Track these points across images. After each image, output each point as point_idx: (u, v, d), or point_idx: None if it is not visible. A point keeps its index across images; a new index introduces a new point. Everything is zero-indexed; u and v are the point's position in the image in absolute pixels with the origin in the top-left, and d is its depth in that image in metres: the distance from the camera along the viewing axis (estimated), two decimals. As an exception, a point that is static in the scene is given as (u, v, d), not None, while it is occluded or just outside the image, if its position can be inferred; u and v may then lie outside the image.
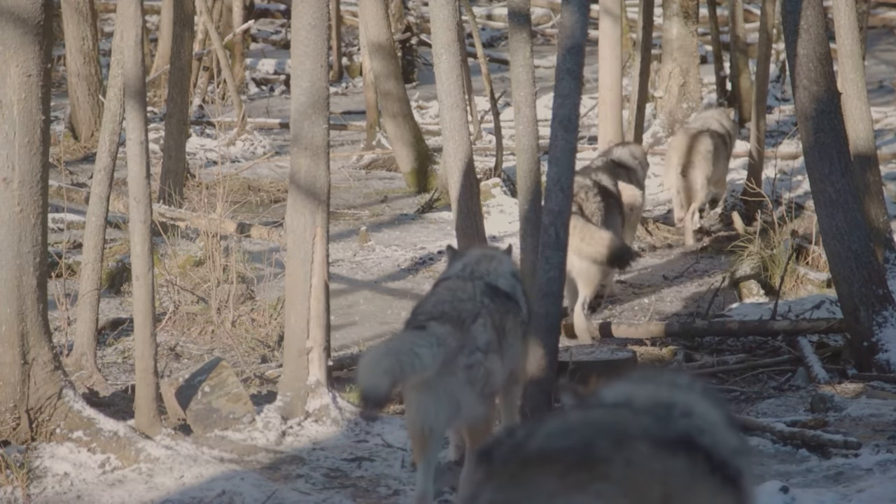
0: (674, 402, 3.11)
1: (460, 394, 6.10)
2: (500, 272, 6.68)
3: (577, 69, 7.82)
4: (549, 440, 2.91)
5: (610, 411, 3.05)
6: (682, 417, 3.05)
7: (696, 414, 3.09)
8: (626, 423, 2.97)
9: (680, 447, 2.95)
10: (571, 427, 2.95)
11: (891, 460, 6.68)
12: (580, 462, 2.85)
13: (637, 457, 2.88)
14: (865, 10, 14.33)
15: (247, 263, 10.63)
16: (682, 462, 2.92)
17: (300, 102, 7.80)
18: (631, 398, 3.13)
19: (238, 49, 20.86)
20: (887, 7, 27.79)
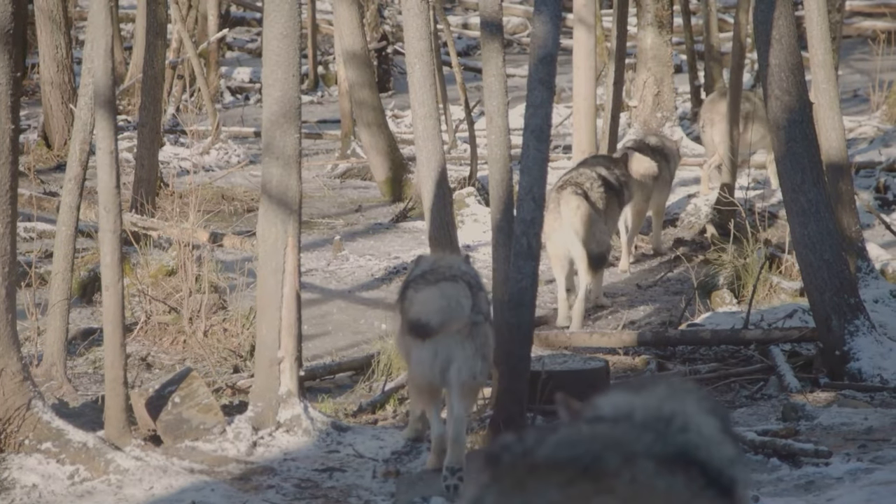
0: (672, 416, 3.08)
1: (456, 352, 6.88)
2: (463, 268, 7.27)
3: (549, 79, 7.83)
4: (559, 449, 2.89)
5: (614, 426, 3.02)
6: (679, 433, 3.03)
7: (692, 428, 3.06)
8: (632, 439, 2.96)
9: (679, 464, 2.95)
10: (581, 439, 2.93)
11: (861, 469, 6.69)
12: (586, 474, 2.84)
13: (642, 474, 2.88)
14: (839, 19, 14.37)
15: (219, 273, 10.59)
16: (681, 480, 2.92)
17: (272, 112, 7.79)
18: (631, 412, 3.10)
19: (213, 57, 20.82)
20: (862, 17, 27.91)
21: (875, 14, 27.85)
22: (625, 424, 3.01)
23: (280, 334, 7.73)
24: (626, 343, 9.83)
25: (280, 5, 7.74)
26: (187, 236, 10.30)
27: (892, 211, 14.06)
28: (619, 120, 14.66)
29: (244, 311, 9.84)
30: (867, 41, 23.66)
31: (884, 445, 7.18)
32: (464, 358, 6.91)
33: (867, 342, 8.95)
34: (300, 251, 7.90)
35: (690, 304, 10.58)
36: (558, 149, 17.28)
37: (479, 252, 12.57)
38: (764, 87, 9.18)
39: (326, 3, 25.14)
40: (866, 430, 7.54)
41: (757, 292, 10.53)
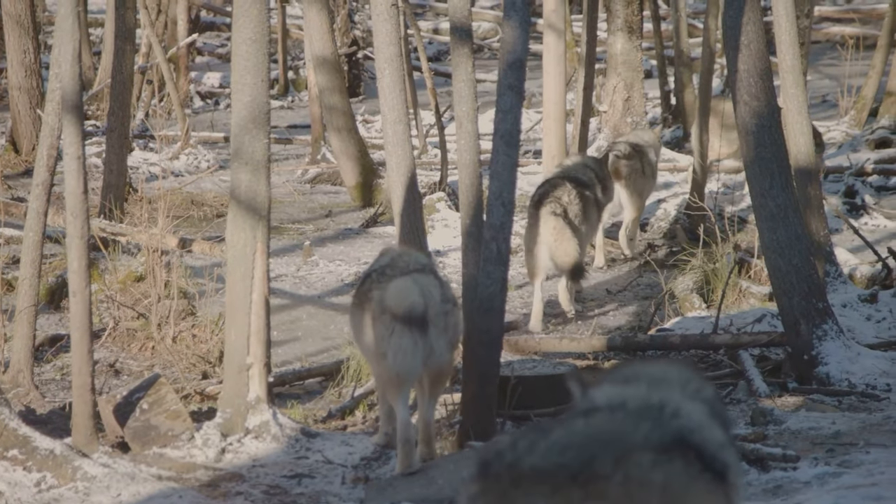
0: (663, 403, 3.13)
1: (435, 340, 7.02)
2: (421, 259, 7.47)
3: (518, 84, 7.83)
4: (547, 456, 2.91)
5: (609, 418, 3.05)
6: (673, 419, 3.07)
7: (683, 413, 3.11)
8: (628, 431, 2.98)
9: (675, 451, 2.98)
10: (572, 442, 2.95)
11: (829, 473, 6.71)
12: (574, 480, 2.85)
13: (636, 470, 2.90)
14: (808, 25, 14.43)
15: (189, 279, 10.55)
16: (678, 466, 2.96)
17: (241, 117, 7.76)
18: (624, 401, 3.13)
19: (183, 62, 20.76)
20: (831, 22, 28.05)
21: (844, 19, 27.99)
22: (620, 414, 3.05)
23: (249, 340, 7.70)
24: (596, 348, 9.84)
25: (249, 10, 7.72)
26: (156, 242, 10.26)
27: (860, 216, 14.12)
28: (589, 125, 14.69)
29: (213, 317, 9.80)
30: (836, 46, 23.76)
31: (851, 449, 7.20)
32: (440, 349, 7.08)
33: (835, 347, 8.98)
34: (269, 256, 7.88)
35: (660, 308, 10.60)
36: (528, 154, 17.31)
37: (450, 257, 12.58)
38: (733, 93, 9.21)
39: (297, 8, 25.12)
40: (834, 435, 7.57)
41: (726, 297, 10.56)
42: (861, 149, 17.04)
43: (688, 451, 3.01)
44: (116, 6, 13.53)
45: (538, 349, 9.86)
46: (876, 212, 14.26)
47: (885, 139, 17.26)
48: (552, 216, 10.90)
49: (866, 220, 14.03)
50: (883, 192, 15.34)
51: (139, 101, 18.03)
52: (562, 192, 11.15)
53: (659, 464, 2.94)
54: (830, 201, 13.44)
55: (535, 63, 17.52)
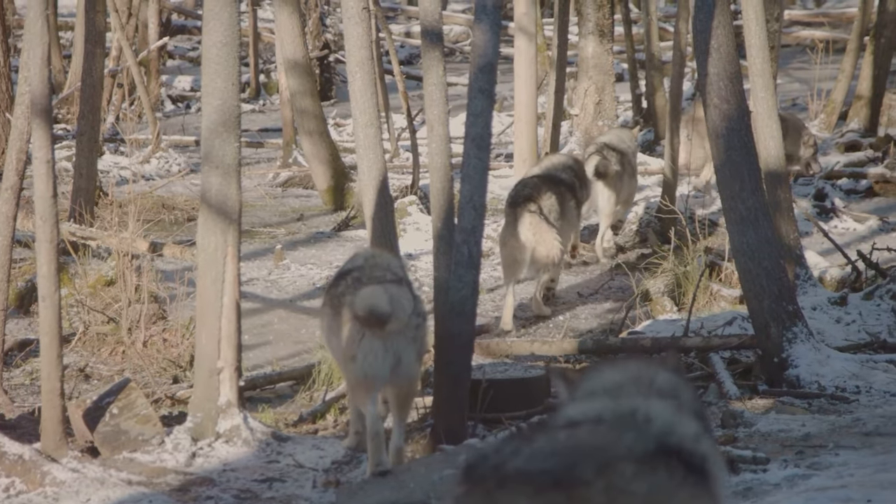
0: (634, 409, 3.15)
1: (404, 350, 7.07)
2: (394, 264, 7.54)
3: (489, 88, 7.84)
4: (531, 461, 2.94)
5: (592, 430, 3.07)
6: (647, 424, 3.09)
7: (654, 415, 3.13)
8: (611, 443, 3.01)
9: (658, 460, 3.00)
10: (556, 449, 2.98)
11: (798, 475, 6.73)
12: (556, 485, 2.88)
13: (619, 480, 2.92)
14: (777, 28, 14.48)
15: (159, 283, 10.52)
16: (662, 476, 2.98)
17: (211, 120, 7.75)
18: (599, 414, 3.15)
19: (154, 66, 20.71)
20: (801, 26, 28.18)
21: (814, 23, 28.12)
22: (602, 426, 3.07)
23: (220, 344, 7.68)
24: (567, 351, 9.85)
25: (219, 13, 7.70)
26: (126, 246, 10.23)
27: (830, 219, 14.18)
28: (561, 128, 14.72)
29: (184, 321, 9.78)
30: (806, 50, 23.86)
31: (821, 452, 7.23)
32: (408, 359, 7.13)
33: (805, 349, 9.02)
34: (240, 260, 7.87)
35: (631, 311, 10.62)
36: (500, 157, 17.32)
37: (421, 261, 12.57)
38: (703, 96, 9.24)
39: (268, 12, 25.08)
40: (804, 437, 7.60)
41: (697, 300, 10.59)
42: (831, 152, 17.12)
43: (669, 457, 3.03)
44: (86, 9, 13.48)
45: (509, 352, 9.87)
46: (845, 215, 14.33)
47: (854, 142, 17.34)
48: (528, 213, 11.04)
49: (836, 223, 14.10)
50: (852, 196, 15.42)
51: (109, 104, 17.96)
52: (538, 191, 11.25)
53: (641, 474, 2.96)
54: (800, 204, 13.50)
55: (506, 66, 17.53)
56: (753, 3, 9.93)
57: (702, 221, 12.46)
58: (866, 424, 7.80)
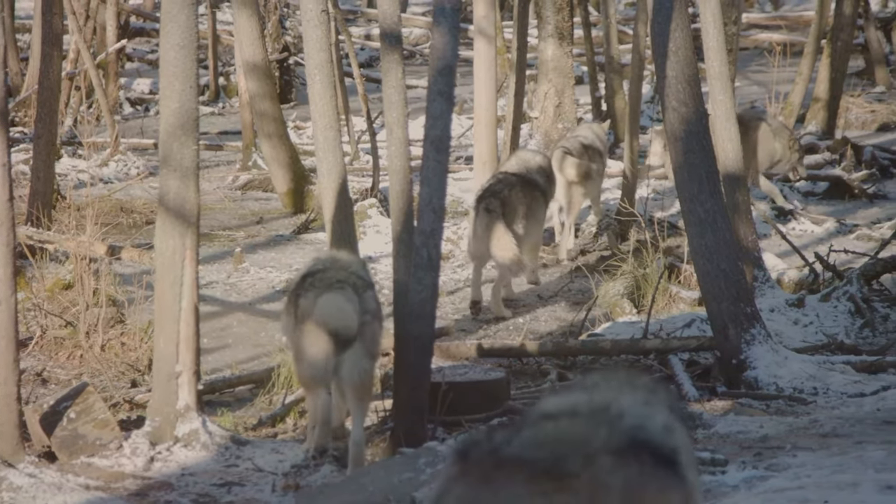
0: (607, 404, 3.23)
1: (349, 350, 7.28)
2: (354, 262, 7.77)
3: (448, 90, 7.84)
4: (524, 449, 3.06)
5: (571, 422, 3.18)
6: (619, 419, 3.18)
7: (626, 410, 3.21)
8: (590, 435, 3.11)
9: (630, 454, 3.10)
10: (545, 440, 3.10)
11: (756, 476, 6.76)
12: (549, 472, 3.01)
13: (600, 473, 3.04)
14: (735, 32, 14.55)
15: (118, 286, 10.46)
16: (634, 469, 3.08)
17: (169, 123, 7.72)
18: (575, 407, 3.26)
19: (112, 68, 20.59)
20: (759, 29, 28.33)
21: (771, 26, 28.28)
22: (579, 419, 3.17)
23: (178, 348, 7.65)
24: (528, 354, 9.85)
25: (177, 16, 7.67)
26: (84, 249, 10.17)
27: (788, 221, 14.26)
28: (521, 131, 14.74)
29: (143, 325, 9.73)
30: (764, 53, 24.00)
31: (779, 453, 7.26)
32: (354, 358, 7.31)
33: (763, 351, 9.06)
34: (199, 264, 7.84)
35: (591, 313, 10.64)
36: (460, 159, 17.33)
37: (381, 263, 12.56)
38: (661, 99, 9.27)
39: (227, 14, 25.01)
40: (762, 438, 7.63)
41: (656, 302, 10.62)
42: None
43: (641, 451, 3.12)
44: (44, 11, 13.40)
45: (469, 355, 9.86)
46: (803, 217, 14.41)
47: (812, 145, 17.45)
48: (485, 212, 11.22)
49: (794, 225, 14.18)
50: (810, 198, 15.51)
51: (67, 107, 17.85)
52: (502, 186, 11.44)
53: (617, 467, 3.06)
54: (759, 207, 13.57)
55: (466, 69, 17.55)
56: (711, 6, 9.98)
57: (661, 223, 12.51)
58: (823, 426, 7.84)
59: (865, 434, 7.56)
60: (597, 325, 10.58)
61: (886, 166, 16.63)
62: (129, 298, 10.32)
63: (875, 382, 9.06)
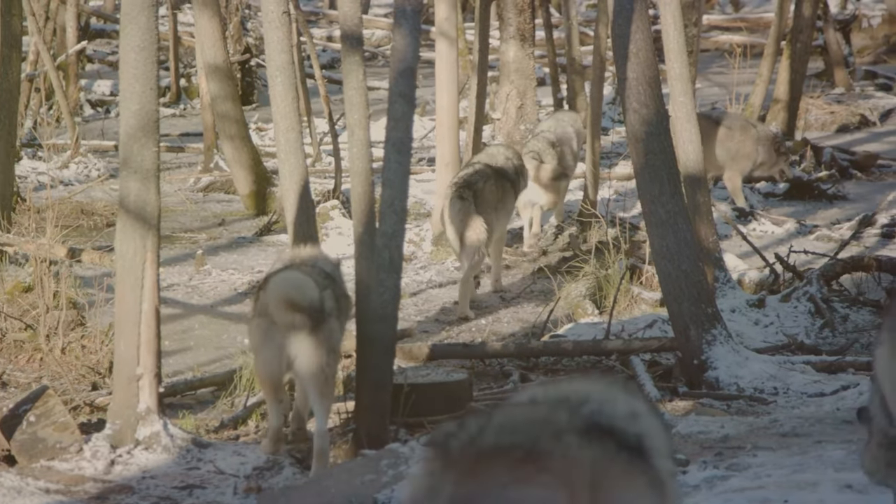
0: (569, 394, 3.32)
1: (301, 345, 7.37)
2: (320, 257, 7.95)
3: (409, 92, 7.85)
4: (500, 436, 3.16)
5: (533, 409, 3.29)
6: (581, 406, 3.27)
7: (589, 398, 3.29)
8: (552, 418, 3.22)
9: (593, 434, 3.19)
10: (516, 425, 3.20)
11: (717, 476, 6.80)
12: (528, 457, 3.11)
13: (570, 449, 3.14)
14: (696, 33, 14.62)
15: (78, 289, 10.41)
16: (597, 449, 3.17)
17: (129, 125, 7.69)
18: (535, 396, 3.36)
19: (72, 70, 20.49)
20: (720, 31, 28.45)
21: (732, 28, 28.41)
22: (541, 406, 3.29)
23: (139, 350, 7.62)
24: (490, 355, 9.87)
25: (136, 18, 7.64)
26: (44, 252, 10.12)
27: (748, 222, 14.33)
28: (483, 132, 14.75)
29: (103, 328, 9.68)
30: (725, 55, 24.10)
31: (739, 453, 7.30)
32: (308, 351, 7.38)
33: (724, 351, 9.10)
34: (160, 266, 7.81)
35: (553, 315, 10.66)
36: (422, 161, 17.33)
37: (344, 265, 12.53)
38: (622, 100, 9.30)
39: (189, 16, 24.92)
40: (722, 438, 7.67)
41: (618, 303, 10.65)
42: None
43: (603, 435, 3.20)
44: (2, 13, 13.31)
45: (431, 356, 9.86)
46: (764, 218, 14.49)
47: (772, 146, 17.52)
48: (458, 199, 11.43)
49: (754, 226, 14.25)
50: (770, 199, 15.60)
51: (27, 109, 17.75)
52: (475, 177, 11.68)
53: (583, 446, 3.17)
54: (719, 207, 13.63)
55: (428, 71, 17.56)
56: (672, 8, 10.02)
57: (623, 225, 12.55)
58: (783, 425, 7.89)
59: (825, 433, 7.61)
60: (559, 327, 10.60)
61: (846, 167, 16.74)
62: (89, 301, 10.26)
63: (835, 382, 9.12)
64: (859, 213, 14.19)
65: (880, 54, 26.40)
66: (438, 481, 3.13)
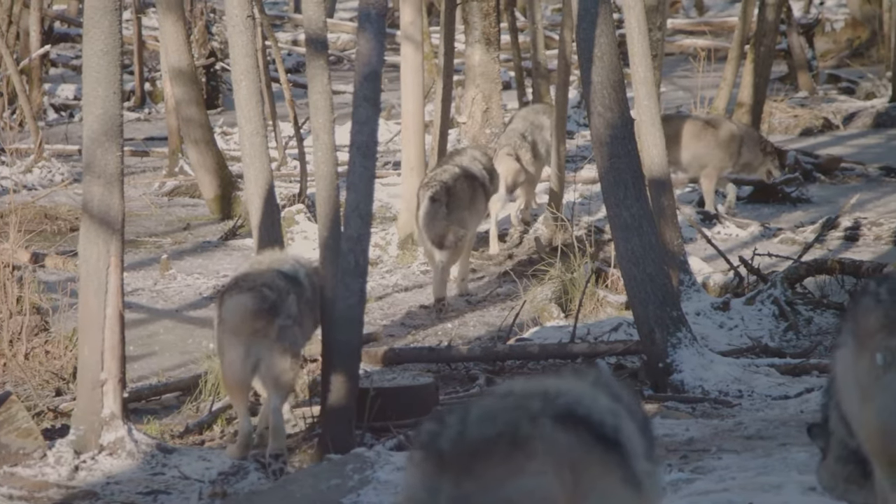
0: (545, 388, 3.40)
1: (266, 351, 7.56)
2: (284, 260, 8.06)
3: (374, 96, 7.84)
4: (483, 427, 3.24)
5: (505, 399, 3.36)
6: (557, 398, 3.33)
7: (565, 391, 3.36)
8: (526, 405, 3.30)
9: (568, 422, 3.26)
10: (495, 414, 3.28)
11: (682, 479, 6.81)
12: (513, 445, 3.20)
13: (546, 431, 3.23)
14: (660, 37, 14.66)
15: (42, 294, 10.36)
16: (572, 438, 3.25)
17: (93, 130, 7.66)
18: (510, 389, 3.43)
19: (36, 74, 20.39)
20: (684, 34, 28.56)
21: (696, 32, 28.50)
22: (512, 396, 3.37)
23: (103, 356, 7.59)
24: (456, 359, 9.86)
25: (100, 22, 7.61)
26: (7, 257, 10.06)
27: (713, 225, 14.38)
28: (449, 136, 14.75)
29: (67, 333, 9.63)
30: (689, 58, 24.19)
31: (704, 455, 7.32)
32: (271, 357, 7.58)
33: (689, 354, 9.13)
34: (124, 271, 7.78)
35: (519, 318, 10.67)
36: (388, 165, 17.32)
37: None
38: (587, 104, 9.32)
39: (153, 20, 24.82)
40: (688, 441, 7.69)
41: (584, 306, 10.67)
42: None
43: (577, 424, 3.27)
44: (-35, 16, 13.24)
45: (397, 360, 9.85)
46: (728, 221, 14.54)
47: (737, 149, 17.59)
48: (429, 201, 11.53)
49: (719, 229, 14.29)
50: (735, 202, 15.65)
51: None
52: (445, 175, 11.83)
53: (557, 430, 3.25)
54: (684, 211, 13.68)
55: (394, 74, 17.54)
56: (636, 12, 10.05)
57: (588, 228, 12.57)
58: (748, 428, 7.91)
59: (789, 436, 7.64)
60: (525, 330, 10.60)
61: (809, 170, 16.81)
62: (53, 306, 10.21)
63: (799, 385, 9.16)
64: (823, 216, 14.26)
65: (843, 58, 26.55)
66: (436, 482, 3.17)
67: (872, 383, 4.64)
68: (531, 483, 3.16)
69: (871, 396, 4.63)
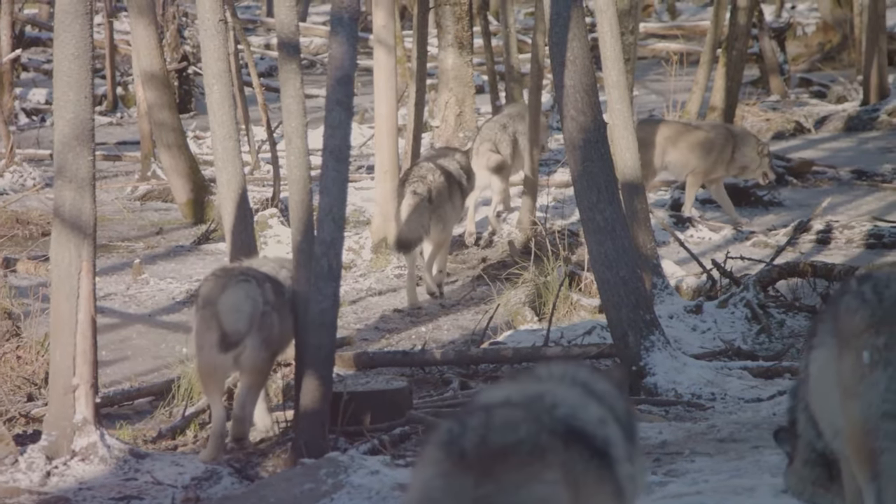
0: (541, 394, 3.46)
1: (253, 339, 7.72)
2: (262, 261, 8.29)
3: (347, 100, 7.84)
4: (504, 433, 3.32)
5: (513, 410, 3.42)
6: (553, 409, 3.41)
7: (560, 401, 3.43)
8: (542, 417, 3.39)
9: (568, 437, 3.37)
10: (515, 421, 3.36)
11: (655, 482, 6.82)
12: (532, 454, 3.29)
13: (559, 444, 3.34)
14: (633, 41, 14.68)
15: (13, 299, 10.32)
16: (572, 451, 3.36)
17: (64, 134, 7.62)
18: (508, 397, 3.48)
19: (6, 78, 20.27)
20: (657, 38, 28.64)
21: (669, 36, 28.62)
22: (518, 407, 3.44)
23: (75, 361, 7.56)
24: (430, 362, 9.86)
25: (70, 26, 7.58)
26: (-22, 262, 10.01)
27: (686, 228, 14.42)
28: (422, 140, 14.76)
29: (39, 338, 9.59)
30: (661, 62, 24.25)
31: (677, 458, 7.33)
32: (252, 347, 7.75)
33: (662, 357, 9.15)
34: (97, 275, 7.75)
35: (492, 322, 10.67)
36: (362, 169, 17.31)
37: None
38: (560, 108, 9.33)
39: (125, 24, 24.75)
40: (661, 444, 7.70)
41: (557, 309, 10.68)
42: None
43: (575, 440, 3.37)
44: (-64, 20, 13.18)
45: (371, 364, 9.85)
46: (701, 224, 14.58)
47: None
48: (411, 195, 11.70)
49: (692, 232, 14.34)
50: (708, 205, 15.70)
51: (-39, 117, 17.55)
52: (424, 171, 12.01)
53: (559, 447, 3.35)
54: (657, 214, 13.71)
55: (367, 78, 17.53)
56: (608, 15, 10.07)
57: (562, 232, 12.59)
58: (721, 431, 7.93)
59: (762, 439, 7.65)
60: (499, 334, 10.61)
61: (781, 174, 16.87)
62: (25, 311, 10.17)
63: (771, 387, 9.19)
64: (795, 220, 14.32)
65: (815, 62, 26.66)
66: (456, 480, 3.25)
67: (858, 382, 4.63)
68: (545, 490, 3.27)
69: (856, 394, 4.62)
